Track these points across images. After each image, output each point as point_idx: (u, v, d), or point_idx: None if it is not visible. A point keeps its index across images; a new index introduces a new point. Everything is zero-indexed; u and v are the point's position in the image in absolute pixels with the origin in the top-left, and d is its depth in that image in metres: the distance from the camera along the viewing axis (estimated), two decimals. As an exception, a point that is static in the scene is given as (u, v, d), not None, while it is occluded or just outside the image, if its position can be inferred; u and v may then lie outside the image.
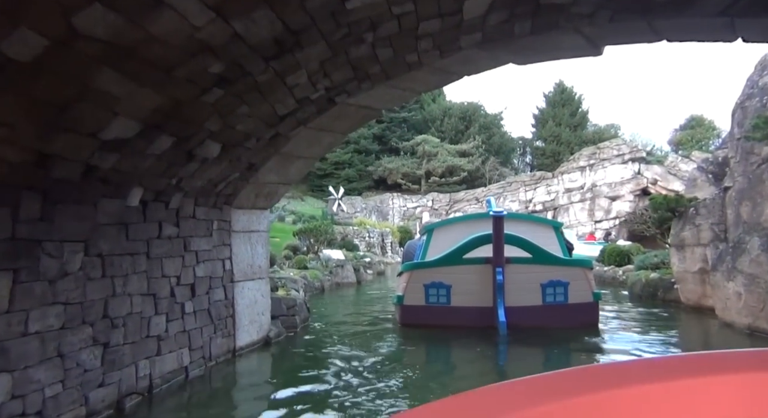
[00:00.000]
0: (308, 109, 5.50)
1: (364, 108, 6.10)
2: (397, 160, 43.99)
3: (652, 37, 4.81)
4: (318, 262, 16.07)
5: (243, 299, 6.67)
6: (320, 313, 10.80)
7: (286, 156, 6.37)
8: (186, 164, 4.80)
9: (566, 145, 45.49)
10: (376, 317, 10.50)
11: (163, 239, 5.08)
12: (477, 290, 8.26)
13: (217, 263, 6.17)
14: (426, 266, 8.70)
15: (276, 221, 26.97)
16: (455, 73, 5.73)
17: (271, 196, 7.01)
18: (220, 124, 4.60)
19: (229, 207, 6.42)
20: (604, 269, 15.02)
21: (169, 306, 5.15)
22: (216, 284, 6.12)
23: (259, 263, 7.03)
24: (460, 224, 10.08)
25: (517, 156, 52.85)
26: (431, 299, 8.47)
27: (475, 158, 42.88)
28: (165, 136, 4.14)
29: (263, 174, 6.42)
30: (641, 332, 8.74)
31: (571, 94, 49.07)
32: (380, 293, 15.26)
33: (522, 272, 8.20)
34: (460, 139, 45.77)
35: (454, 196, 37.59)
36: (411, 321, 8.51)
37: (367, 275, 18.77)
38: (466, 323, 8.09)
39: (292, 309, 8.14)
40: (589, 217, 30.70)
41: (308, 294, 12.56)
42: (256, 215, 6.99)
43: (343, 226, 27.23)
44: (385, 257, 27.22)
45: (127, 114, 3.56)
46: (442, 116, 48.53)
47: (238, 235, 6.64)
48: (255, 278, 6.96)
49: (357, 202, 37.81)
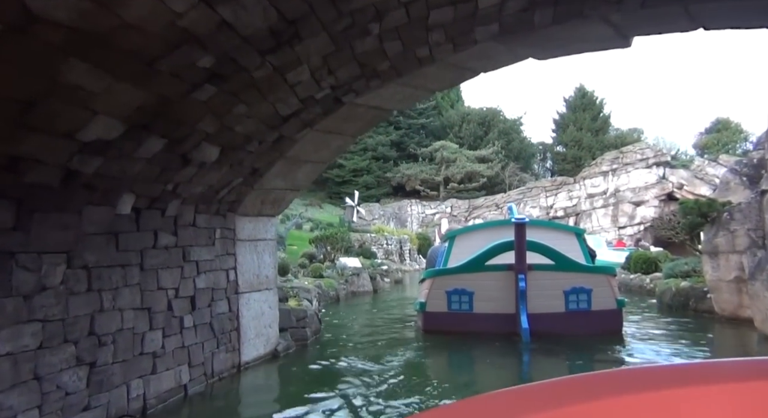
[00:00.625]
0: (314, 110, 5.15)
1: (374, 109, 5.74)
2: (416, 167, 43.63)
3: (687, 25, 4.36)
4: (333, 270, 15.73)
5: (249, 311, 6.33)
6: (334, 323, 10.43)
7: (293, 160, 6.03)
8: (181, 169, 4.47)
9: (588, 150, 44.70)
10: (392, 328, 10.09)
11: (159, 249, 4.76)
12: (499, 297, 8.25)
13: (221, 273, 5.84)
14: (448, 273, 8.72)
15: (293, 229, 26.76)
16: (470, 70, 5.34)
17: (279, 202, 6.67)
18: (216, 125, 4.27)
19: (233, 214, 6.10)
20: (630, 277, 14.40)
21: (165, 320, 4.82)
22: (219, 296, 5.78)
23: (266, 273, 6.69)
24: (482, 230, 10.06)
25: (537, 161, 52.10)
26: (453, 305, 8.47)
27: (494, 164, 42.31)
28: (154, 137, 3.82)
29: (269, 179, 6.09)
30: (670, 343, 8.25)
31: (592, 98, 48.29)
32: (397, 301, 14.84)
33: (545, 278, 8.16)
34: (479, 145, 45.25)
35: (474, 203, 37.04)
36: (433, 327, 8.53)
37: (384, 283, 18.36)
38: (488, 330, 8.09)
39: (303, 321, 7.78)
40: (613, 223, 29.89)
41: (322, 304, 12.21)
42: (262, 222, 6.65)
43: (361, 233, 26.88)
44: (404, 264, 26.78)
45: (108, 112, 3.24)
46: (460, 122, 48.10)
47: (243, 244, 6.31)
48: (262, 289, 6.61)
49: (375, 209, 37.48)
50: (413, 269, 27.26)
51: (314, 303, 10.77)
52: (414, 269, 27.46)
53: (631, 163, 30.05)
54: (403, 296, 17.20)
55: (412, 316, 11.58)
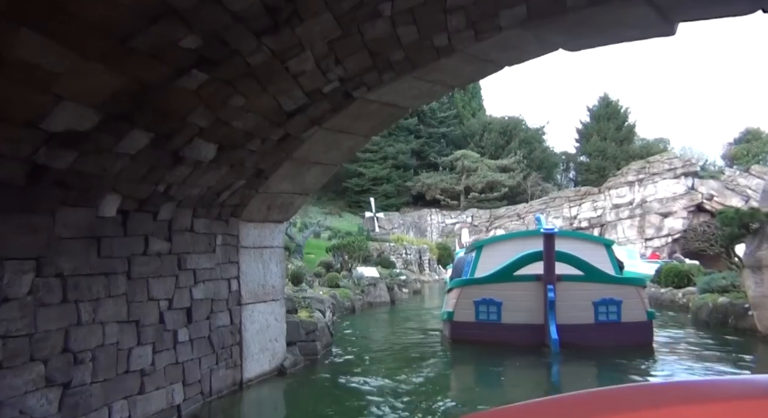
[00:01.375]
0: (321, 106, 4.70)
1: (388, 105, 5.27)
2: (436, 176, 43.11)
3: (743, 7, 3.81)
4: (350, 280, 15.24)
5: (252, 323, 5.87)
6: (347, 336, 9.93)
7: (301, 162, 5.58)
8: (173, 168, 4.04)
9: (612, 160, 43.71)
10: (411, 341, 9.55)
11: (150, 256, 4.33)
12: (528, 307, 8.21)
13: (221, 283, 5.39)
14: (476, 283, 8.72)
15: (311, 237, 26.39)
16: (493, 62, 4.83)
17: (286, 208, 6.22)
18: (210, 119, 3.83)
19: (236, 220, 5.66)
20: (660, 291, 13.63)
21: (156, 335, 4.37)
22: (219, 307, 5.33)
23: (272, 283, 6.23)
24: (509, 241, 10.04)
25: (560, 171, 51.15)
26: (481, 315, 8.46)
27: (516, 174, 41.57)
28: (138, 131, 3.39)
29: (275, 182, 5.64)
30: (706, 360, 7.63)
31: (616, 108, 47.31)
32: (416, 313, 14.27)
33: (574, 289, 8.10)
34: (501, 155, 44.56)
35: (495, 213, 36.33)
36: (460, 337, 8.55)
37: (402, 293, 17.81)
38: (516, 340, 8.07)
39: (312, 334, 7.29)
40: (639, 234, 28.93)
41: (337, 315, 11.73)
42: (269, 228, 6.21)
43: (380, 242, 26.39)
44: (423, 274, 26.19)
45: (76, 98, 2.81)
46: (481, 131, 47.48)
47: (247, 251, 5.86)
48: (267, 300, 6.15)
49: (394, 218, 36.99)
50: (432, 279, 26.63)
51: (327, 314, 10.29)
52: (433, 279, 26.83)
53: (658, 174, 29.12)
54: (422, 307, 16.60)
55: (433, 328, 11.11)
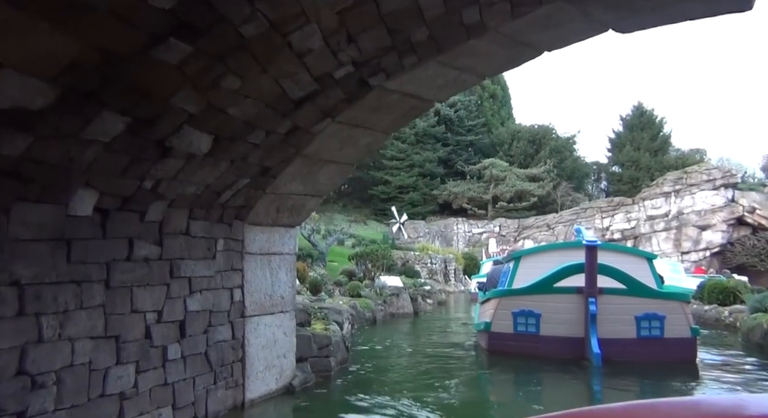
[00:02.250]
0: (334, 94, 4.12)
1: (410, 97, 4.66)
2: (463, 185, 42.31)
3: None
4: (372, 289, 14.62)
5: (258, 338, 5.29)
6: (367, 350, 9.28)
7: (313, 159, 5.01)
8: (160, 160, 3.50)
9: (646, 171, 42.32)
10: (436, 356, 8.85)
11: (136, 262, 3.79)
12: (568, 320, 8.14)
13: (222, 293, 4.84)
14: (515, 294, 8.62)
15: (335, 245, 25.89)
16: (531, 46, 4.19)
17: (298, 210, 5.65)
18: (201, 103, 3.28)
19: (240, 223, 5.11)
20: (704, 308, 12.65)
21: (141, 352, 3.82)
22: (219, 320, 4.77)
23: (281, 293, 5.66)
24: (548, 252, 9.93)
25: (590, 182, 49.80)
26: (520, 327, 8.39)
27: (545, 183, 40.50)
28: (109, 113, 2.85)
29: (284, 182, 5.08)
30: (754, 385, 6.93)
31: (651, 117, 45.89)
32: (442, 325, 13.55)
33: (616, 303, 7.98)
34: (530, 164, 43.54)
35: (523, 223, 35.33)
36: (498, 348, 8.51)
37: (426, 304, 17.09)
38: (555, 353, 8.02)
39: (326, 349, 6.69)
40: (675, 247, 27.65)
41: (356, 327, 11.11)
42: (278, 233, 5.65)
43: (404, 251, 25.72)
44: (448, 285, 25.40)
45: (20, 66, 2.28)
46: (510, 140, 46.55)
47: (253, 258, 5.30)
48: (275, 312, 5.58)
49: (420, 227, 36.30)
50: (458, 289, 25.81)
51: (346, 326, 9.69)
52: (459, 289, 26.01)
53: (696, 185, 27.83)
54: (448, 318, 15.87)
55: (461, 341, 10.53)
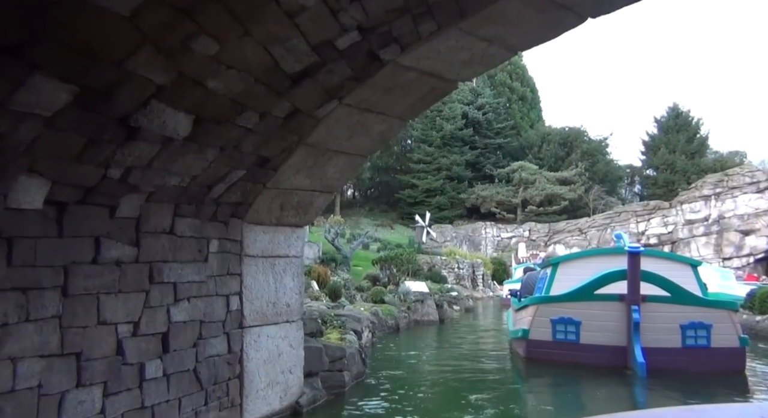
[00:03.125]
0: (338, 70, 3.49)
1: (430, 76, 4.00)
2: (492, 188, 41.34)
3: None
4: (395, 295, 13.94)
5: (258, 351, 4.69)
6: (387, 361, 8.61)
7: (318, 149, 4.39)
8: (126, 143, 2.92)
9: (682, 174, 40.70)
10: (466, 368, 8.14)
11: (104, 265, 3.21)
12: (609, 328, 7.91)
13: (216, 300, 4.24)
14: (554, 301, 8.44)
15: (360, 249, 25.31)
16: (572, 9, 3.48)
17: (305, 208, 5.03)
18: (169, 71, 2.68)
19: (239, 222, 4.52)
20: (756, 319, 11.61)
21: (110, 371, 3.24)
22: (212, 332, 4.18)
23: (286, 301, 5.04)
24: (587, 258, 9.64)
25: (624, 185, 48.20)
26: (559, 334, 8.21)
27: (577, 186, 39.23)
28: (45, 78, 2.27)
29: (287, 175, 4.47)
30: None
31: (687, 119, 44.19)
32: (469, 333, 12.78)
33: (660, 311, 7.75)
34: (561, 167, 42.31)
35: (554, 227, 34.19)
36: (536, 355, 8.36)
37: (453, 311, 16.32)
38: (596, 362, 7.82)
39: (339, 362, 6.05)
40: (716, 253, 26.21)
41: (377, 335, 10.46)
42: (283, 234, 5.04)
43: (431, 255, 24.96)
44: (476, 290, 24.53)
45: None
46: (540, 142, 45.39)
47: (254, 261, 4.70)
48: (280, 322, 4.96)
49: (447, 231, 35.46)
50: (486, 295, 24.91)
51: (365, 335, 9.05)
52: (487, 295, 25.12)
53: (738, 187, 26.38)
54: (476, 326, 15.07)
55: (491, 351, 9.85)
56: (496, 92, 47.77)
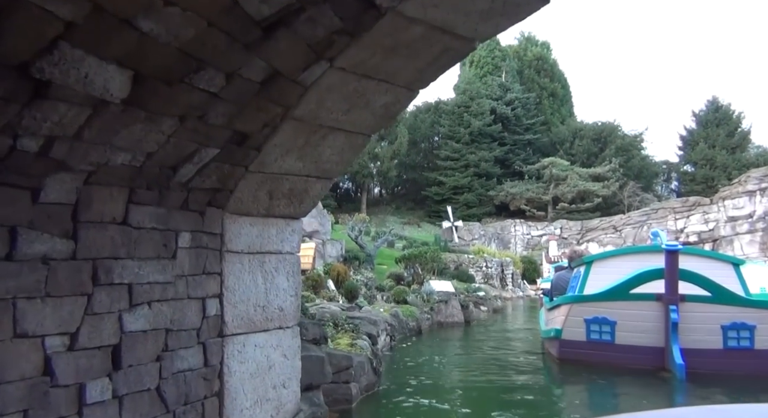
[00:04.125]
0: (323, 18, 2.74)
1: (441, 32, 3.21)
2: (521, 185, 40.18)
3: None
4: (418, 295, 13.16)
5: (244, 363, 3.98)
6: (405, 369, 7.85)
7: (310, 125, 3.65)
8: (33, 102, 2.23)
9: (722, 170, 38.86)
10: (488, 371, 7.38)
11: (23, 262, 2.54)
12: (646, 328, 7.76)
13: (189, 304, 3.55)
14: (588, 300, 8.26)
15: (384, 247, 24.61)
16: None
17: (300, 197, 4.30)
18: (76, 0, 1.98)
19: (218, 211, 3.82)
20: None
21: (32, 396, 2.56)
22: (182, 342, 3.48)
23: (279, 304, 4.33)
24: (622, 256, 9.34)
25: (660, 182, 46.33)
26: (593, 334, 8.05)
27: (611, 183, 37.79)
28: None
29: (274, 156, 3.75)
30: None
31: (727, 113, 42.19)
32: (497, 336, 11.93)
33: (699, 311, 7.57)
34: (594, 163, 40.89)
35: (587, 224, 32.86)
36: (569, 356, 8.22)
37: (480, 312, 15.45)
38: (632, 363, 7.71)
39: (345, 372, 5.32)
40: (762, 251, 24.59)
41: (397, 338, 9.71)
42: (275, 226, 4.32)
43: (458, 254, 24.10)
44: (505, 290, 23.55)
45: None
46: (571, 138, 43.99)
47: (238, 258, 4.00)
48: (271, 328, 4.25)
49: (475, 229, 34.45)
50: (516, 295, 23.89)
51: (382, 339, 8.31)
52: (517, 295, 24.10)
53: (785, 182, 24.68)
54: (505, 328, 14.17)
55: (522, 354, 9.16)
56: (525, 88, 46.50)
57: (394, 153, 40.54)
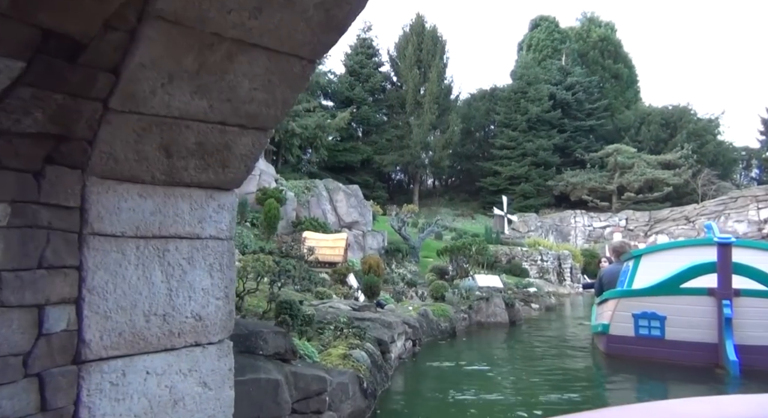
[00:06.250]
0: None
1: None
2: (583, 174, 37.43)
3: None
4: (456, 291, 11.56)
5: (122, 402, 2.64)
6: (420, 383, 6.34)
7: (195, 32, 2.24)
8: None
9: (812, 155, 34.61)
10: (539, 397, 5.79)
11: None
12: (698, 324, 7.49)
13: (8, 317, 2.25)
14: (636, 294, 7.99)
15: (432, 239, 23.05)
16: None
17: (219, 156, 2.90)
18: None
19: (71, 173, 2.49)
20: None
21: None
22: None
23: (193, 311, 2.97)
24: (673, 250, 8.82)
25: (739, 169, 42.11)
26: (641, 330, 7.86)
27: (682, 171, 34.47)
28: None
29: (148, 85, 2.37)
30: None
31: (817, 91, 37.53)
32: (546, 341, 10.17)
33: (756, 306, 7.22)
34: (663, 149, 37.53)
35: (656, 215, 29.96)
36: (617, 352, 8.05)
37: (531, 309, 13.66)
38: (683, 359, 7.46)
39: (317, 399, 3.91)
40: None
41: (426, 341, 8.24)
42: (187, 200, 2.96)
43: (510, 246, 22.19)
44: (563, 285, 21.46)
45: None
46: (638, 124, 40.64)
47: (116, 245, 2.66)
48: (178, 347, 2.90)
49: (531, 220, 32.21)
50: (575, 291, 21.73)
51: (398, 345, 6.87)
52: (576, 291, 21.92)
53: None
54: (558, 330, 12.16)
55: (579, 364, 7.73)
56: (587, 71, 43.39)
57: (446, 142, 38.75)
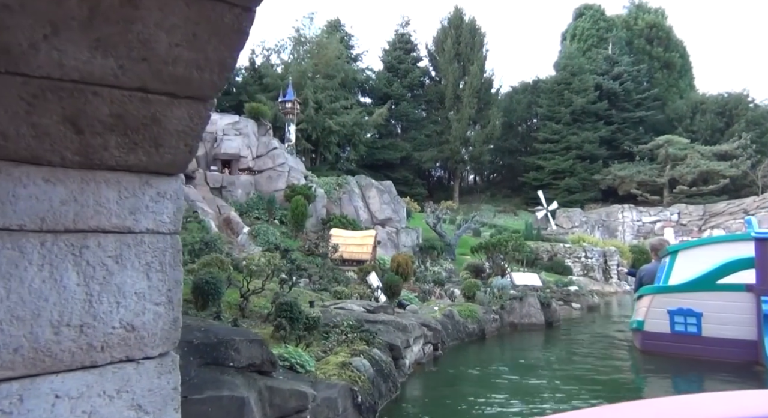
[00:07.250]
0: None
1: None
2: (631, 167, 35.64)
3: None
4: (488, 290, 10.80)
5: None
6: (432, 395, 5.69)
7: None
8: None
9: None
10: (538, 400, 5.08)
11: None
12: (736, 320, 7.30)
13: None
14: (672, 291, 7.92)
15: (469, 235, 22.23)
16: None
17: (148, 133, 2.36)
18: None
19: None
20: None
21: None
22: None
23: (123, 319, 2.45)
24: (709, 246, 8.67)
25: (804, 159, 39.08)
26: (677, 326, 7.76)
27: (740, 162, 32.27)
28: None
29: (22, 35, 1.86)
30: None
31: None
32: (587, 346, 9.26)
33: None
34: (719, 139, 35.28)
35: (710, 209, 28.10)
36: (652, 349, 7.94)
37: (572, 309, 12.74)
38: (720, 356, 7.30)
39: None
40: None
41: (451, 345, 7.58)
42: (114, 187, 2.44)
43: (552, 243, 21.12)
44: (608, 283, 20.24)
45: None
46: (691, 113, 38.37)
47: (11, 242, 2.17)
48: (101, 363, 2.39)
49: (575, 216, 30.81)
50: (621, 289, 20.47)
51: (414, 351, 6.26)
52: (623, 289, 20.65)
53: None
54: (601, 333, 11.05)
55: (625, 375, 6.99)
56: (635, 59, 41.30)
57: (486, 137, 37.64)
